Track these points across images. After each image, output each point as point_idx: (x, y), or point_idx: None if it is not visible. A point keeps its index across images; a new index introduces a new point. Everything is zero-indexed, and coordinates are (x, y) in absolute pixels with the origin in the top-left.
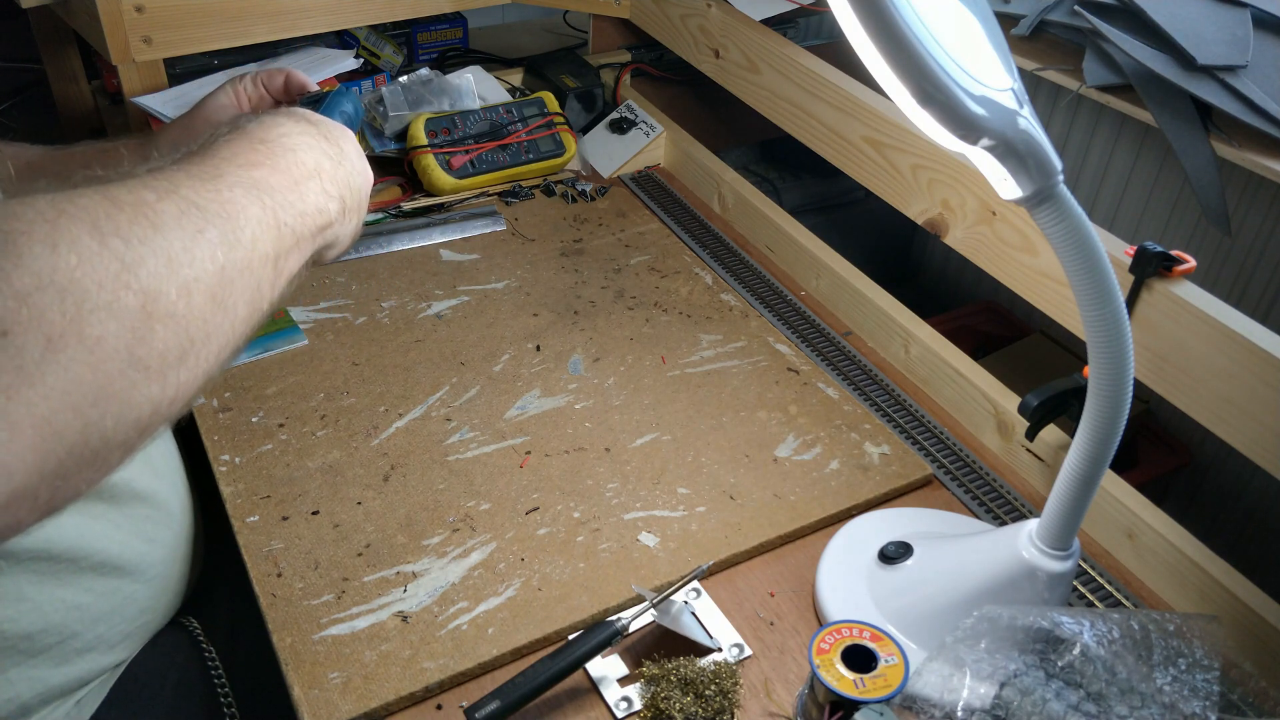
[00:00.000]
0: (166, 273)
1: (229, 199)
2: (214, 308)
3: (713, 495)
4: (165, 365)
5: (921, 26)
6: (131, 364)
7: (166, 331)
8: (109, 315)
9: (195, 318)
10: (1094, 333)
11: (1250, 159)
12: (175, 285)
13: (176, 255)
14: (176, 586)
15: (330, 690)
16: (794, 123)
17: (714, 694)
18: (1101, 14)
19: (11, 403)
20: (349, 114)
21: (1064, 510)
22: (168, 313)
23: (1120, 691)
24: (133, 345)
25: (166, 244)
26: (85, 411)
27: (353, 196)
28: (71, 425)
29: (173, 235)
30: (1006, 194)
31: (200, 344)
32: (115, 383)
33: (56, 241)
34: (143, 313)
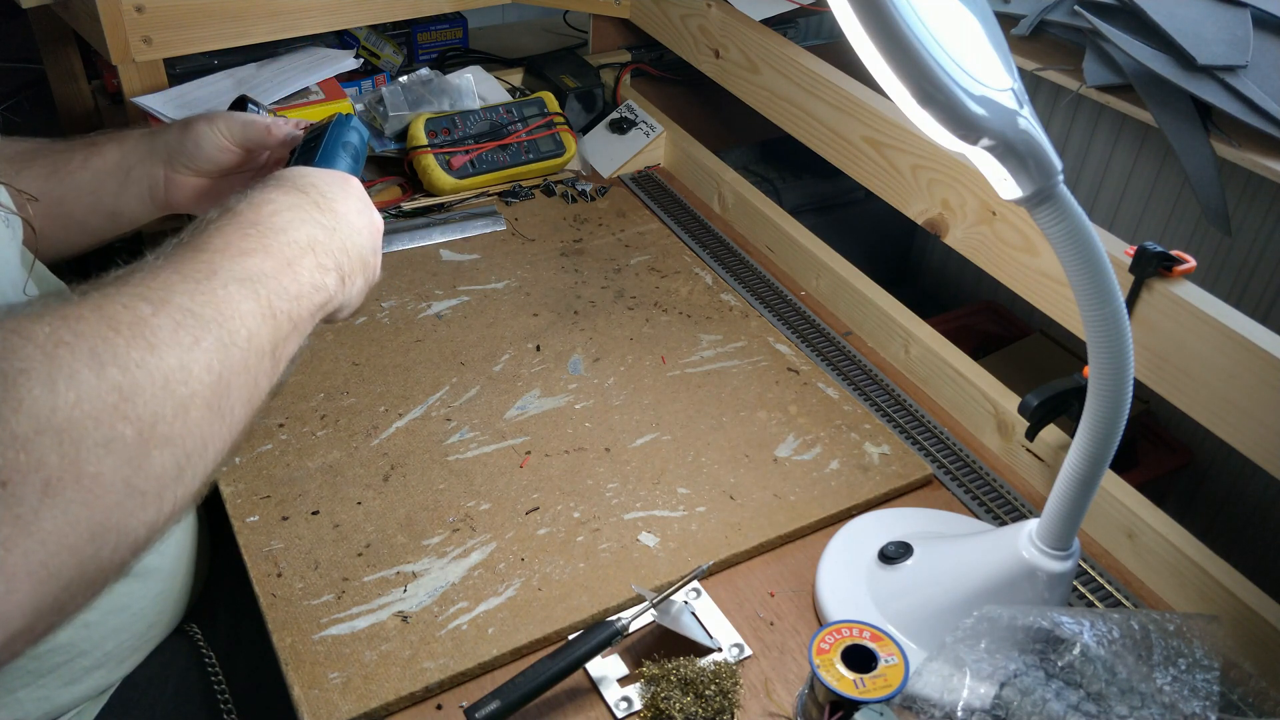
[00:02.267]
0: (163, 395)
1: (223, 298)
2: (211, 418)
3: (713, 495)
4: (162, 488)
5: (921, 26)
6: (129, 494)
7: (163, 455)
8: (106, 451)
9: (192, 434)
10: (1094, 333)
11: (1250, 159)
12: (172, 406)
13: (172, 375)
14: (181, 595)
15: (330, 690)
16: (794, 123)
17: (714, 694)
18: (1101, 14)
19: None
20: (354, 145)
21: (1064, 510)
22: (165, 437)
23: (1120, 691)
24: (130, 476)
25: (163, 365)
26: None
27: (350, 261)
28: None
29: (169, 354)
30: (1006, 194)
31: (197, 457)
32: (112, 515)
33: (55, 379)
34: (140, 441)
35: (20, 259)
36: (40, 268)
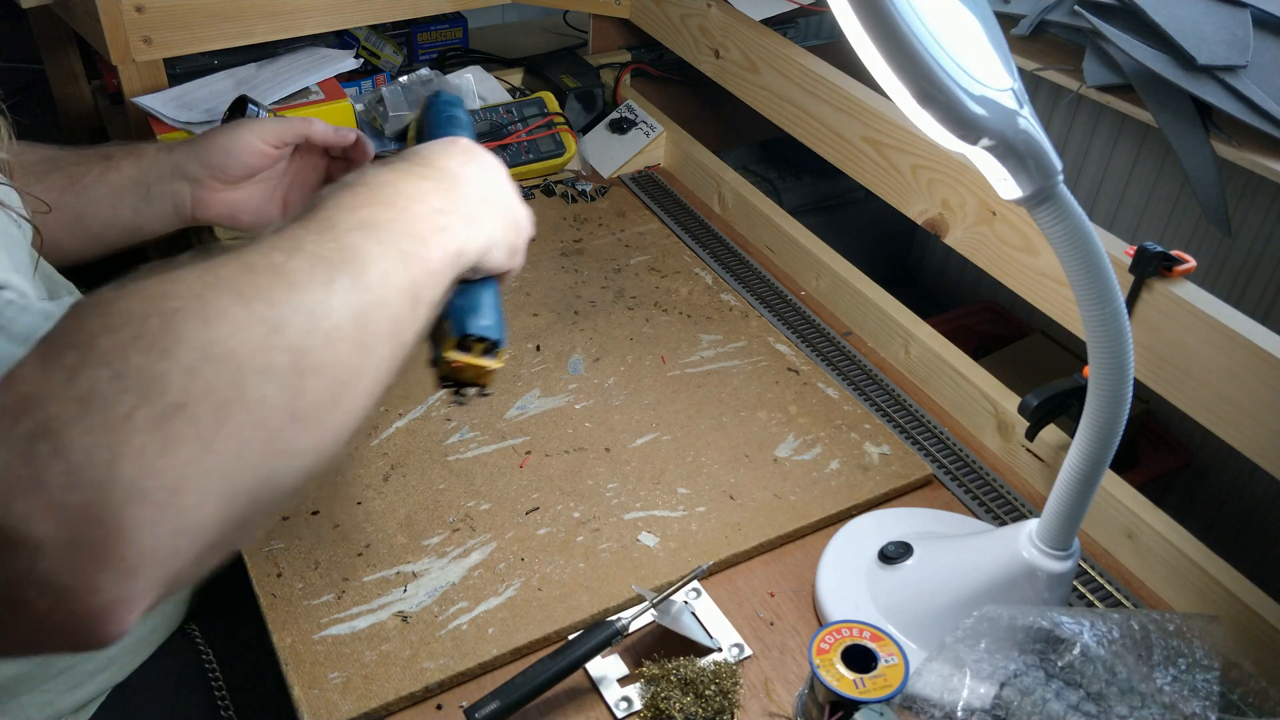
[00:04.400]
0: (309, 328)
1: (349, 244)
2: (358, 351)
3: (713, 495)
4: (321, 414)
5: (921, 26)
6: (292, 419)
7: (318, 383)
8: (266, 378)
9: (342, 364)
10: (1094, 333)
11: (1250, 159)
12: (318, 338)
13: (315, 309)
14: (182, 596)
15: (330, 690)
16: (794, 123)
17: (714, 694)
18: (1101, 14)
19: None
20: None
21: (1064, 510)
22: (317, 365)
23: (1120, 691)
24: (290, 401)
25: (304, 300)
26: (258, 468)
27: (471, 203)
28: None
29: (308, 292)
30: (1006, 194)
31: (350, 387)
32: (279, 438)
33: (207, 315)
34: (294, 369)
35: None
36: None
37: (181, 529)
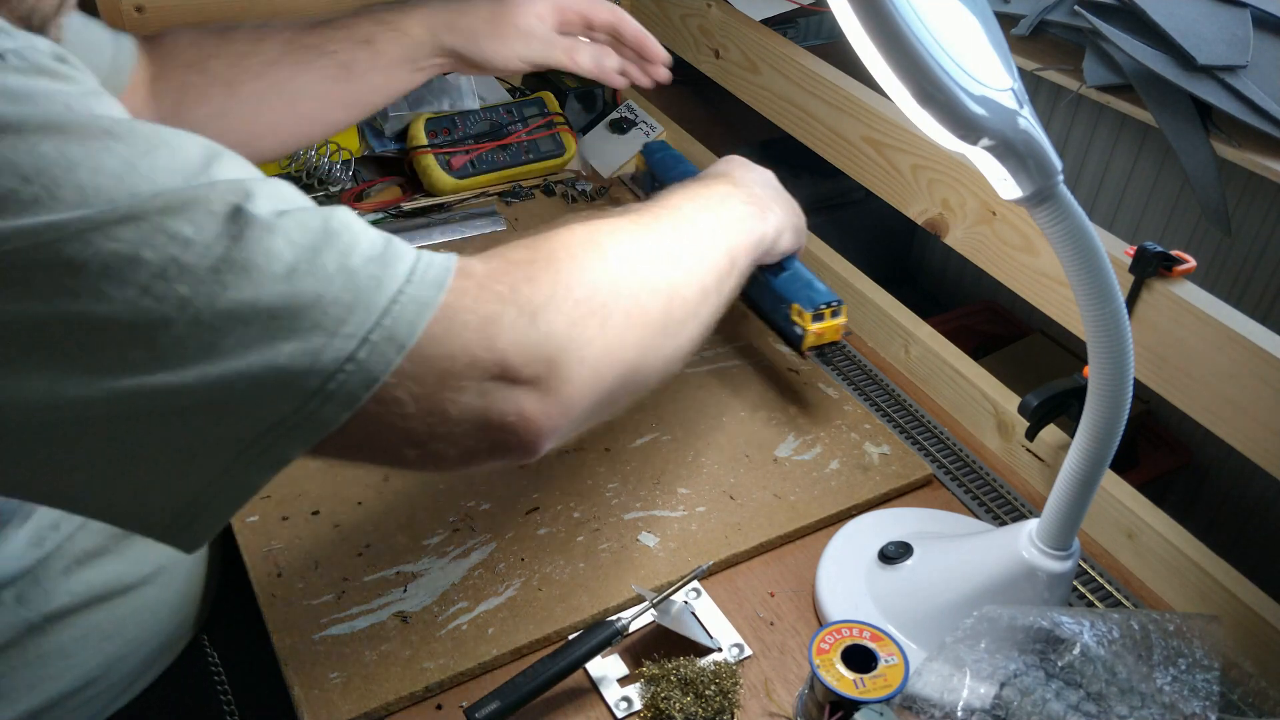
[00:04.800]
0: (678, 267)
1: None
2: (701, 291)
3: (713, 495)
4: (678, 330)
5: (921, 26)
6: (661, 330)
7: (679, 308)
8: (653, 298)
9: (693, 297)
10: (1094, 333)
11: (1250, 159)
12: (683, 275)
13: (682, 256)
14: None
15: (330, 690)
16: (794, 123)
17: (714, 694)
18: (1101, 14)
19: (607, 349)
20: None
21: (1064, 510)
22: (681, 296)
23: (1120, 691)
24: (663, 316)
25: (676, 248)
26: (636, 358)
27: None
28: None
29: (665, 239)
30: (1006, 194)
31: (694, 316)
32: (652, 340)
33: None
34: (669, 295)
35: None
36: None
37: (592, 385)
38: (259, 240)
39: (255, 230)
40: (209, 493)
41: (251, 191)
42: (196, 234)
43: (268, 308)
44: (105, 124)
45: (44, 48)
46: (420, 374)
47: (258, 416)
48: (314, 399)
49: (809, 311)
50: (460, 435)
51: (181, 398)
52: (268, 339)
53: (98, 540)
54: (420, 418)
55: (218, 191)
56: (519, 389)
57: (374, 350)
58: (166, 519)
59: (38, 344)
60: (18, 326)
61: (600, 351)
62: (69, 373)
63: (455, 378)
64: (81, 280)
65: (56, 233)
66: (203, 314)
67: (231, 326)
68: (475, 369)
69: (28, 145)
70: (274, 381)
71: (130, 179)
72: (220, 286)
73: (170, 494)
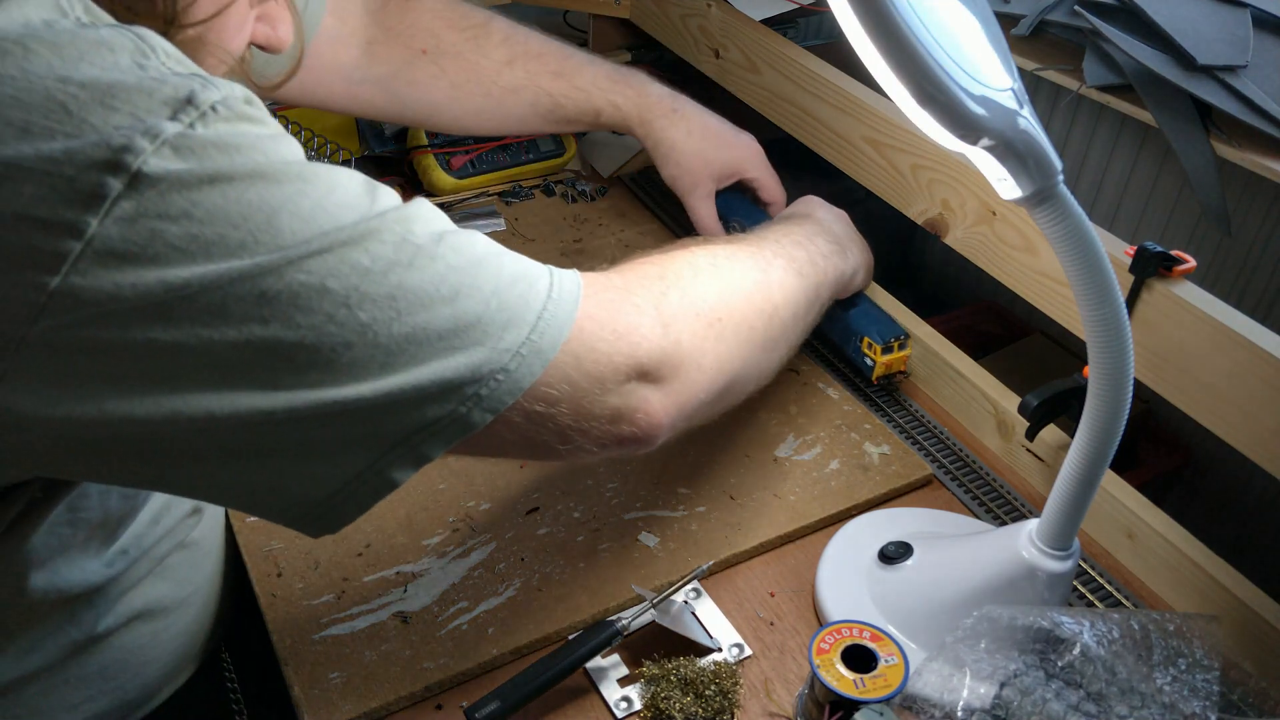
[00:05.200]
0: (779, 293)
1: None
2: (793, 315)
3: (713, 495)
4: (774, 347)
5: (921, 26)
6: (764, 346)
7: (777, 327)
8: (759, 316)
9: (787, 320)
10: (1094, 333)
11: (1250, 159)
12: (782, 299)
13: (784, 282)
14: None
15: (330, 690)
16: (794, 123)
17: (714, 694)
18: (1101, 14)
19: (718, 356)
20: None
21: (1064, 510)
22: (779, 318)
23: (1120, 691)
24: (765, 333)
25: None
26: (740, 367)
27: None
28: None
29: (772, 271)
30: (1006, 194)
31: (786, 337)
32: (754, 353)
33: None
34: (770, 315)
35: None
36: None
37: (705, 389)
38: (426, 267)
39: (422, 258)
40: (350, 487)
41: (409, 218)
42: (373, 264)
43: (438, 329)
44: (296, 169)
45: (240, 94)
46: (572, 377)
47: (412, 420)
48: (464, 404)
49: (879, 344)
50: (599, 429)
51: (348, 406)
52: (438, 355)
53: (152, 564)
54: (569, 415)
55: (386, 223)
56: (649, 387)
57: (523, 362)
58: (305, 509)
59: (224, 365)
60: (209, 351)
61: (714, 360)
62: (250, 390)
63: (601, 378)
64: (273, 309)
65: (258, 270)
66: (380, 337)
67: (405, 347)
68: (619, 371)
69: (236, 193)
70: (437, 391)
71: (319, 219)
72: (395, 312)
73: (315, 487)
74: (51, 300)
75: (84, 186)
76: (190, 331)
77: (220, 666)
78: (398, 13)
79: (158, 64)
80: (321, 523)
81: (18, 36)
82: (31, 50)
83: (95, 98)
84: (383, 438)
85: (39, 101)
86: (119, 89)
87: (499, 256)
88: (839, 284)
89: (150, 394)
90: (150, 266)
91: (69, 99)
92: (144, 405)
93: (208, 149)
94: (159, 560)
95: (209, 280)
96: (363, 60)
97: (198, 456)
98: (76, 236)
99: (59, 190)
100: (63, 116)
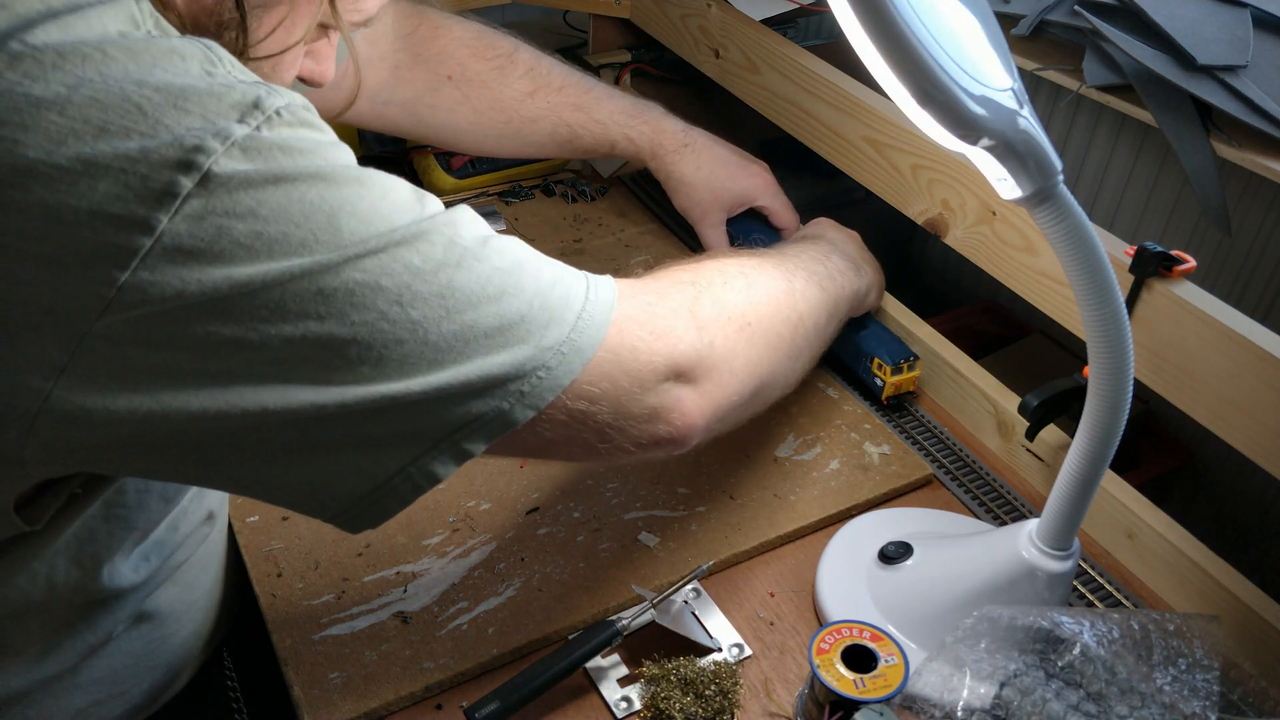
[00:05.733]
0: (803, 304)
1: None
2: (815, 327)
3: (713, 495)
4: (798, 357)
5: (921, 26)
6: (790, 353)
7: (802, 336)
8: (785, 325)
9: (809, 331)
10: (1094, 333)
11: (1250, 159)
12: (806, 309)
13: (808, 295)
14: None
15: (330, 690)
16: (794, 123)
17: (714, 694)
18: (1101, 14)
19: (747, 359)
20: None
21: (1064, 510)
22: (804, 328)
23: (1120, 691)
24: (789, 342)
25: (803, 289)
26: (766, 372)
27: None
28: (760, 377)
29: (796, 281)
30: (1006, 194)
31: (809, 347)
32: (779, 360)
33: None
34: (795, 324)
35: None
36: None
37: (736, 391)
38: (473, 268)
39: (469, 259)
40: (394, 482)
41: (456, 222)
42: (424, 264)
43: (485, 328)
44: (355, 174)
45: (300, 101)
46: (612, 374)
47: (458, 415)
48: (508, 400)
49: (889, 365)
50: (637, 428)
51: (398, 401)
52: (483, 352)
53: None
54: (609, 413)
55: (435, 225)
56: (684, 388)
57: (563, 359)
58: (348, 504)
59: (280, 361)
60: (267, 346)
61: (745, 363)
62: (304, 385)
63: (640, 377)
64: (330, 306)
65: (318, 268)
66: (430, 334)
67: (453, 344)
68: (657, 370)
69: (299, 193)
70: (482, 386)
71: (374, 220)
72: (445, 310)
73: (361, 482)
74: (119, 295)
75: (157, 184)
76: (250, 327)
77: (221, 667)
78: (427, 39)
79: (224, 72)
80: (364, 518)
81: (96, 43)
82: (110, 56)
83: (169, 100)
84: (429, 433)
85: (116, 103)
86: (191, 93)
87: (537, 261)
88: (855, 300)
89: (207, 388)
90: (216, 263)
91: (144, 101)
92: (200, 400)
93: (273, 151)
94: (176, 568)
95: (271, 277)
96: (390, 82)
97: (250, 452)
98: (147, 233)
99: (133, 188)
100: (138, 118)
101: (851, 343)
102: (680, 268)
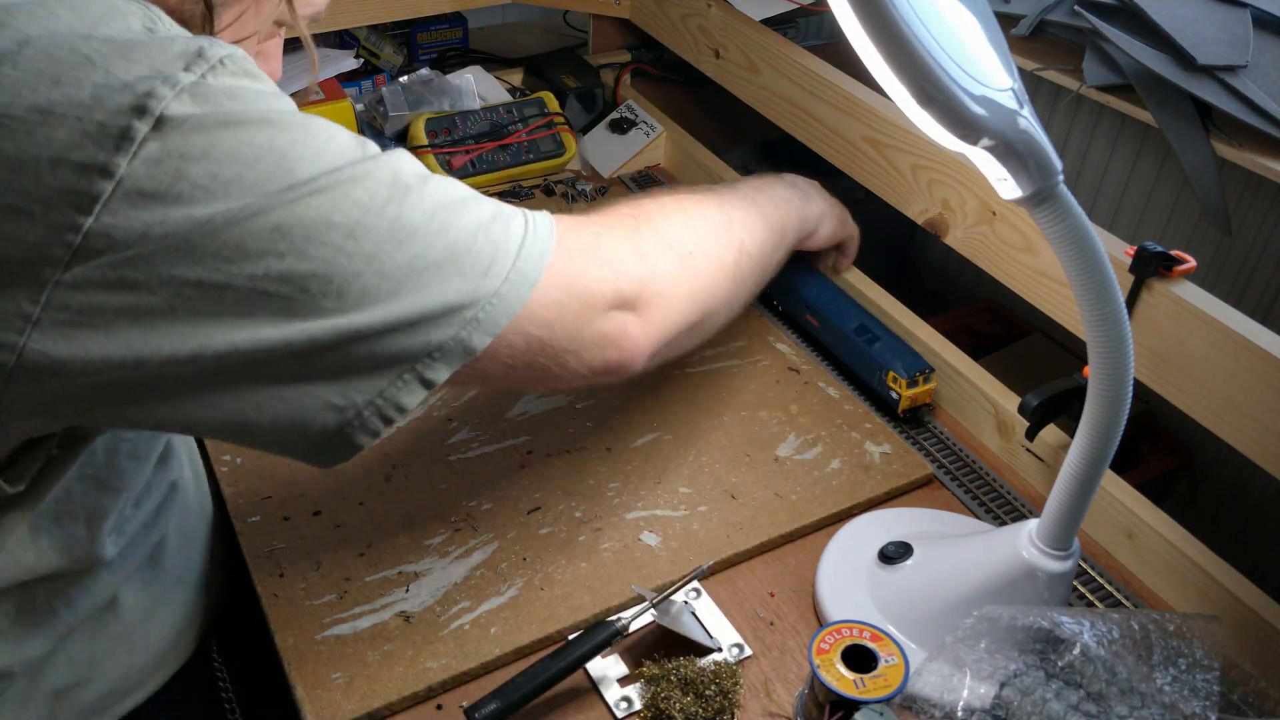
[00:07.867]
0: (747, 231)
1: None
2: (759, 252)
3: (714, 495)
4: (744, 282)
5: (921, 26)
6: (733, 279)
7: (745, 263)
8: (726, 252)
9: (754, 256)
10: (1094, 333)
11: (1250, 159)
12: (749, 236)
13: (749, 222)
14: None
15: (333, 690)
16: (794, 123)
17: (714, 694)
18: (1101, 14)
19: (689, 287)
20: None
21: (1064, 510)
22: (746, 252)
23: (1120, 691)
24: (733, 267)
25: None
26: (710, 298)
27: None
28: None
29: (734, 212)
30: (1006, 194)
31: (754, 273)
32: (722, 285)
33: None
34: (738, 251)
35: None
36: None
37: (681, 317)
38: (416, 204)
39: (413, 196)
40: (364, 414)
41: (397, 161)
42: (371, 200)
43: (434, 259)
44: (299, 119)
45: (242, 54)
46: (562, 300)
47: (419, 343)
48: (465, 327)
49: (904, 378)
50: (589, 353)
51: (362, 332)
52: (438, 280)
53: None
54: (563, 338)
55: (379, 165)
56: (629, 315)
57: (512, 287)
58: (321, 439)
59: (245, 298)
60: (231, 285)
61: (689, 290)
62: (270, 321)
63: (588, 302)
64: (288, 242)
65: (272, 204)
66: (385, 265)
67: (407, 275)
68: (604, 296)
69: (248, 136)
70: (440, 313)
71: (321, 160)
72: (396, 243)
73: (331, 415)
74: (85, 241)
75: (113, 129)
76: (214, 267)
77: (210, 661)
78: None
79: (164, 28)
80: (337, 453)
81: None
82: (53, 12)
83: (116, 51)
84: (393, 362)
85: (65, 55)
86: (136, 45)
87: (477, 199)
88: (803, 227)
89: (178, 330)
90: (176, 205)
91: (93, 53)
92: (172, 342)
93: (219, 96)
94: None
95: (230, 216)
96: None
97: (223, 391)
98: (108, 177)
99: (90, 134)
100: (89, 69)
101: (864, 355)
102: (619, 204)
